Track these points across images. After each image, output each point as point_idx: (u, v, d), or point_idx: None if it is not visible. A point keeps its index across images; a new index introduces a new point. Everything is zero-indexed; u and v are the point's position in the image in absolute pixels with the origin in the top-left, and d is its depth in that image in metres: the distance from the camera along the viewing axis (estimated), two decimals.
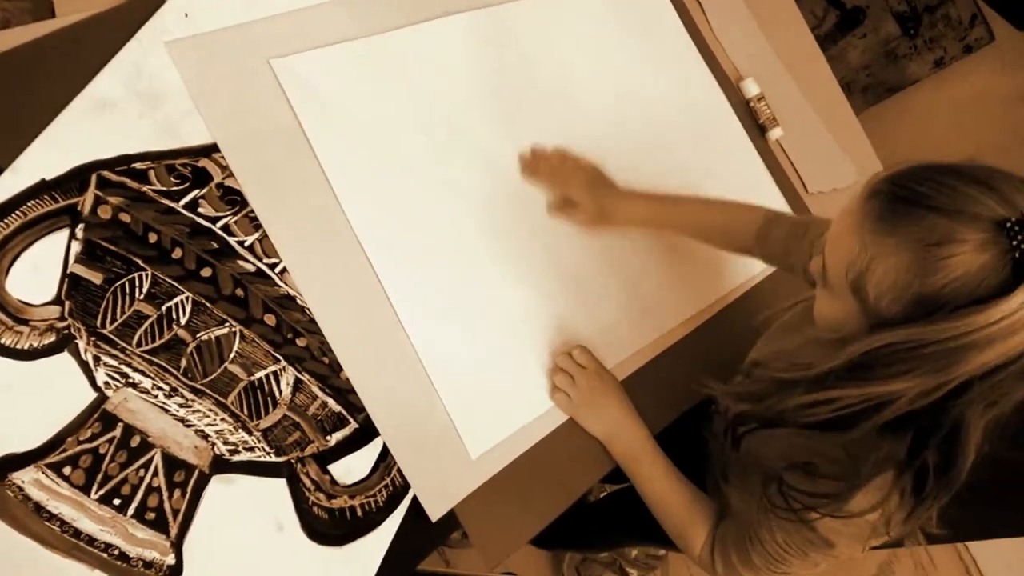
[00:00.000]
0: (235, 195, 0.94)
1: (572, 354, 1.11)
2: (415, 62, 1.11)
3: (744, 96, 1.46)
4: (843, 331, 0.76)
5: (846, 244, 0.71)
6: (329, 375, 0.94)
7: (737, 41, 1.51)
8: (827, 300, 0.78)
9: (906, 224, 0.66)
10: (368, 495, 0.93)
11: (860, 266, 0.69)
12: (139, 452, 0.83)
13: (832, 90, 1.68)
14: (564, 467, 1.09)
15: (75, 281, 0.84)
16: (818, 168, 1.51)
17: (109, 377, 0.83)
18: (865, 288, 0.70)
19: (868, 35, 2.43)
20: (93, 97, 0.89)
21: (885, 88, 2.48)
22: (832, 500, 0.80)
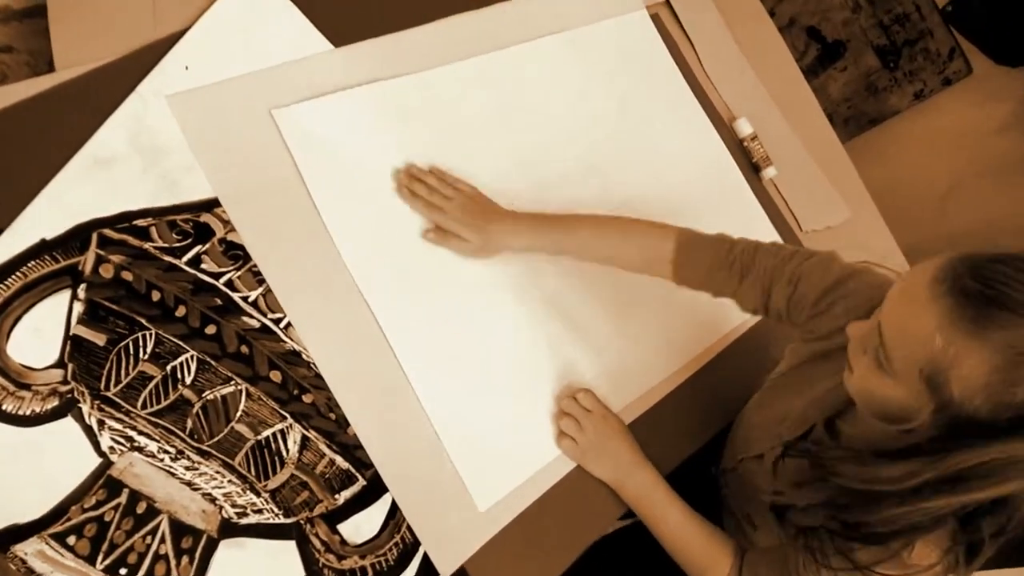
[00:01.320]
0: (238, 250, 0.93)
1: (577, 398, 1.10)
2: (415, 110, 1.11)
3: (738, 136, 1.47)
4: (899, 413, 0.74)
5: (922, 337, 0.69)
6: (336, 432, 0.93)
7: (729, 81, 1.52)
8: (882, 382, 0.75)
9: (998, 329, 0.65)
10: (379, 554, 0.91)
11: (942, 363, 0.68)
12: (146, 518, 0.80)
13: (820, 124, 1.70)
14: (574, 515, 1.08)
15: (78, 343, 0.82)
16: (812, 206, 1.53)
17: (114, 441, 0.81)
18: (947, 385, 0.68)
19: (849, 68, 2.48)
20: (93, 153, 0.88)
21: (867, 120, 2.52)
22: (893, 554, 0.79)
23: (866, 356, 0.78)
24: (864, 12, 2.39)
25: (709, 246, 1.05)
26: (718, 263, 1.03)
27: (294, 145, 0.99)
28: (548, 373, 1.11)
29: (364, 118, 1.06)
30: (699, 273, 1.04)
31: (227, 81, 0.98)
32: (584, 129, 1.29)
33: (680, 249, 1.04)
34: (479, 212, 1.06)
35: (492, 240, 1.06)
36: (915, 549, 0.79)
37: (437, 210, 1.04)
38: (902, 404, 0.73)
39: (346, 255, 0.99)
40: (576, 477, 1.09)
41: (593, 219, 1.09)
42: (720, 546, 1.03)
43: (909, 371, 0.71)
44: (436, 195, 1.05)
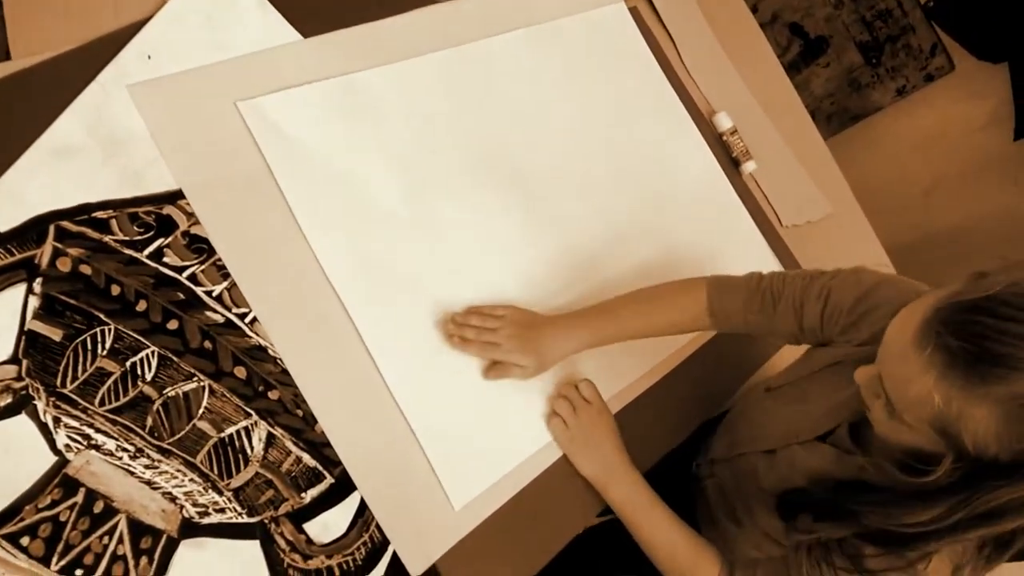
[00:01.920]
0: (202, 243, 0.91)
1: (579, 386, 1.10)
2: (385, 103, 1.09)
3: (717, 130, 1.46)
4: (922, 456, 0.74)
5: (921, 395, 0.69)
6: (303, 428, 0.91)
7: (709, 75, 1.51)
8: (897, 428, 0.76)
9: (994, 385, 0.65)
10: (346, 554, 0.89)
11: (948, 419, 0.68)
12: (103, 518, 0.78)
13: (802, 120, 1.69)
14: (549, 514, 1.06)
15: (33, 338, 0.79)
16: (792, 201, 1.51)
17: (70, 439, 0.78)
18: (959, 436, 0.68)
19: (831, 64, 2.48)
20: (51, 144, 0.85)
21: (849, 116, 2.52)
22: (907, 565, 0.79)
23: (879, 401, 0.78)
24: (847, 8, 2.40)
25: (738, 287, 1.07)
26: (750, 299, 1.05)
27: (261, 137, 0.97)
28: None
29: (333, 111, 1.04)
30: (735, 316, 1.06)
31: (191, 71, 0.96)
32: (559, 123, 1.27)
33: (712, 299, 1.07)
34: (526, 334, 1.05)
35: (545, 357, 1.05)
36: (931, 564, 0.79)
37: (492, 347, 1.03)
38: (924, 448, 0.74)
39: (317, 248, 0.97)
40: (553, 475, 1.08)
41: (623, 302, 1.10)
42: (706, 555, 1.02)
43: (920, 423, 0.72)
44: (485, 333, 1.03)
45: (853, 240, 1.63)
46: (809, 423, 0.99)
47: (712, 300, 1.07)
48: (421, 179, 1.09)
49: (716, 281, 1.08)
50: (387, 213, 1.05)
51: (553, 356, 1.06)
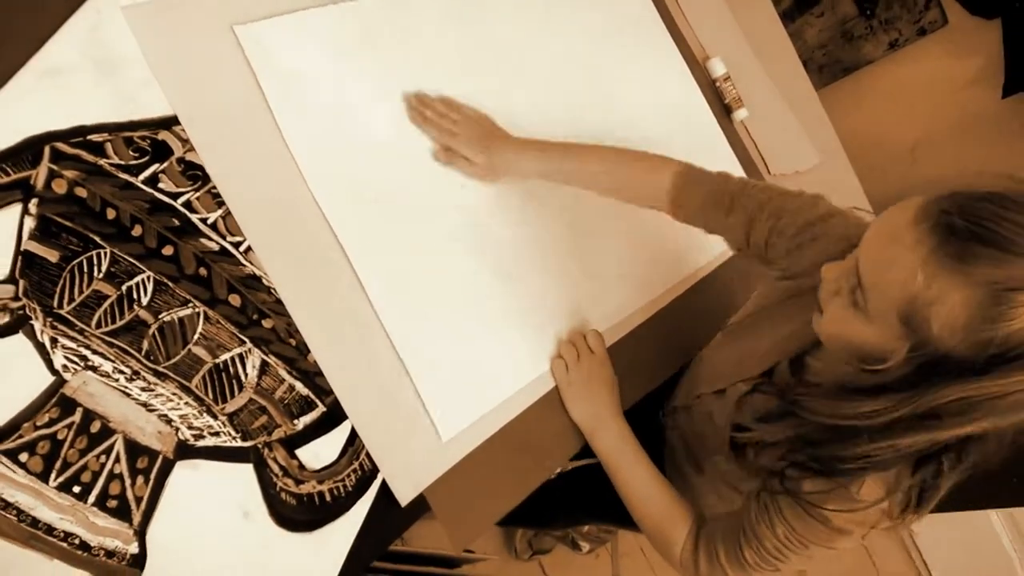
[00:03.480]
0: (197, 170, 0.90)
1: (587, 335, 1.13)
2: (384, 32, 1.08)
3: (710, 76, 1.46)
4: (873, 353, 0.74)
5: (903, 275, 0.69)
6: (296, 357, 0.92)
7: (705, 20, 1.50)
8: (857, 323, 0.76)
9: (982, 265, 0.65)
10: (337, 480, 0.92)
11: (923, 301, 0.68)
12: (100, 438, 0.79)
13: (795, 68, 1.69)
14: (532, 449, 1.09)
15: (29, 259, 0.79)
16: (782, 150, 1.52)
17: (67, 360, 0.79)
18: (927, 323, 0.68)
19: (826, 14, 2.46)
20: (45, 64, 0.84)
21: (841, 68, 2.52)
22: (840, 488, 0.81)
23: (839, 297, 0.78)
24: None
25: (705, 181, 1.05)
26: (711, 197, 1.03)
27: (256, 63, 0.97)
28: (515, 304, 1.11)
29: (330, 38, 1.04)
30: (693, 207, 1.05)
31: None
32: (553, 59, 1.27)
33: (677, 183, 1.05)
34: (487, 135, 1.08)
35: (498, 162, 1.08)
36: (864, 485, 0.81)
37: (447, 132, 1.06)
38: (877, 344, 0.74)
39: (309, 178, 0.97)
40: (535, 413, 1.10)
41: (597, 149, 1.10)
42: (680, 510, 1.04)
43: (887, 310, 0.71)
44: (446, 119, 1.07)
45: (840, 190, 1.64)
46: (753, 361, 1.02)
47: (677, 183, 1.05)
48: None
49: (687, 167, 1.06)
50: (379, 141, 1.05)
51: (504, 166, 1.09)
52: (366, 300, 0.98)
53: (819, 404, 0.79)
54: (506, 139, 1.11)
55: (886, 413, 0.72)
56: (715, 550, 0.97)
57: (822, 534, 0.86)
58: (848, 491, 0.81)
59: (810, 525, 0.85)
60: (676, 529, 1.03)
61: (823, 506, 0.83)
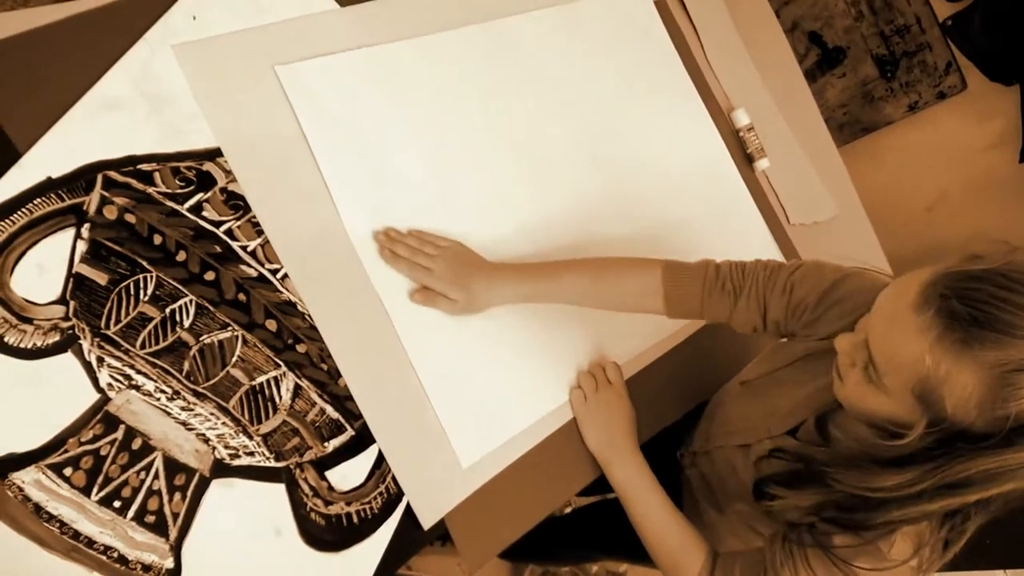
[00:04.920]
0: (239, 200, 0.95)
1: (605, 368, 1.15)
2: (419, 74, 1.13)
3: (734, 126, 1.50)
4: (893, 426, 0.76)
5: (911, 357, 0.71)
6: (328, 382, 0.95)
7: (730, 72, 1.55)
8: (873, 396, 0.78)
9: (986, 350, 0.67)
10: (364, 502, 0.94)
11: (933, 382, 0.70)
12: (140, 455, 0.82)
13: (816, 124, 1.73)
14: (548, 476, 1.11)
15: (80, 281, 0.83)
16: (801, 200, 1.56)
17: (112, 379, 0.82)
18: (940, 401, 0.70)
19: (847, 74, 2.51)
20: (101, 96, 0.89)
21: (860, 127, 2.55)
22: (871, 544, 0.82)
23: (855, 369, 0.80)
24: (866, 21, 2.43)
25: (696, 273, 1.05)
26: (709, 288, 1.04)
27: (297, 101, 1.01)
28: (535, 336, 1.14)
29: (365, 79, 1.08)
30: (692, 302, 1.05)
31: (232, 34, 1.00)
32: (578, 104, 1.31)
33: (668, 281, 1.05)
34: (463, 270, 1.04)
35: (477, 298, 1.05)
36: (895, 544, 0.82)
37: (422, 270, 1.03)
38: (895, 417, 0.76)
39: (343, 211, 1.01)
40: (552, 443, 1.12)
41: (575, 264, 1.09)
42: (694, 544, 1.04)
43: (901, 388, 0.73)
44: (420, 255, 1.03)
45: (856, 244, 1.67)
46: (778, 418, 1.02)
47: (667, 284, 1.05)
48: (450, 149, 1.13)
49: (670, 265, 1.06)
50: (409, 180, 1.09)
51: (486, 300, 1.06)
52: (393, 330, 1.01)
53: (847, 475, 0.80)
54: (482, 269, 1.07)
55: (914, 484, 0.73)
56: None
57: None
58: (878, 547, 0.82)
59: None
60: (691, 561, 1.03)
61: (853, 563, 0.83)
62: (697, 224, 1.39)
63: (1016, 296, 0.68)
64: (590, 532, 1.53)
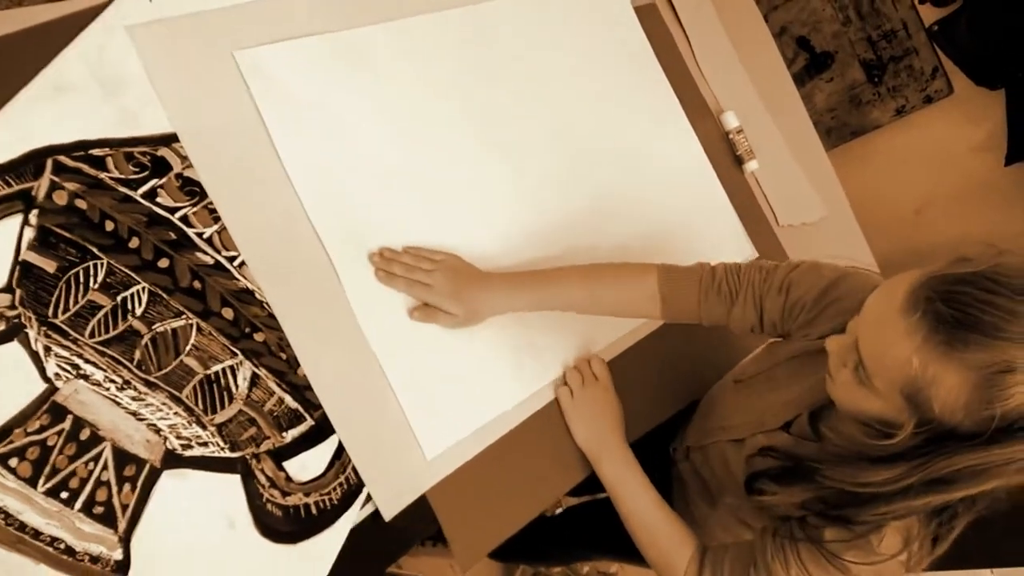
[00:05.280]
0: (195, 186, 0.93)
1: (591, 362, 1.14)
2: (381, 60, 1.11)
3: (724, 128, 1.51)
4: (882, 424, 0.78)
5: (899, 359, 0.73)
6: (287, 371, 0.94)
7: (720, 75, 1.55)
8: (863, 396, 0.79)
9: (972, 351, 0.69)
10: (323, 493, 0.93)
11: (920, 382, 0.72)
12: (89, 445, 0.81)
13: (806, 129, 1.73)
14: (539, 472, 1.11)
15: (27, 269, 0.82)
16: (790, 202, 1.56)
17: (60, 368, 0.81)
18: (928, 402, 0.72)
19: (835, 79, 2.52)
20: (52, 80, 0.87)
21: (848, 131, 2.57)
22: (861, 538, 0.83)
23: (846, 370, 0.81)
24: (854, 26, 2.44)
25: (691, 276, 1.06)
26: (705, 291, 1.05)
27: (255, 87, 0.99)
28: (504, 327, 1.12)
29: (328, 66, 1.06)
30: (689, 305, 1.06)
31: (190, 16, 0.98)
32: (550, 92, 1.29)
33: (664, 285, 1.06)
34: (461, 283, 1.04)
35: (477, 310, 1.05)
36: (885, 539, 0.83)
37: (421, 287, 1.02)
38: (884, 416, 0.78)
39: (304, 197, 0.99)
40: (545, 437, 1.12)
41: (571, 271, 1.09)
42: (683, 539, 1.04)
43: (890, 389, 0.75)
44: (417, 272, 1.03)
45: (845, 245, 1.67)
46: (772, 413, 1.03)
47: (664, 288, 1.06)
48: (410, 135, 1.11)
49: (666, 269, 1.08)
50: (374, 167, 1.07)
51: (485, 311, 1.07)
52: (354, 318, 1.00)
53: (837, 472, 0.82)
54: (479, 280, 1.06)
55: (901, 479, 0.75)
56: (722, 573, 0.97)
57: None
58: (869, 542, 0.84)
59: (827, 571, 0.87)
60: (681, 552, 1.03)
61: (843, 556, 0.84)
62: (668, 217, 1.37)
63: (1001, 299, 0.69)
64: (580, 532, 1.53)
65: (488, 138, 1.19)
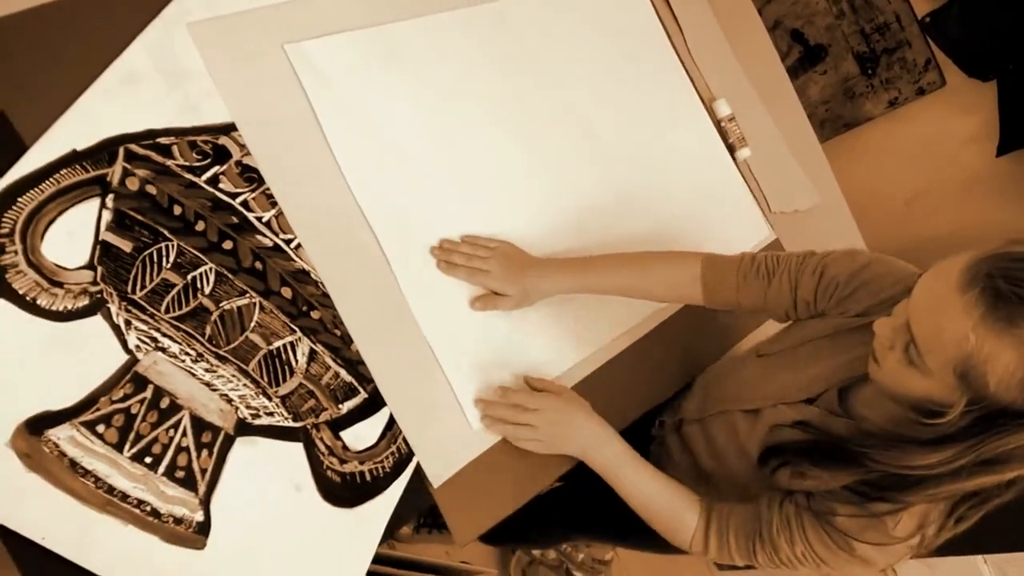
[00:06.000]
0: (253, 172, 0.98)
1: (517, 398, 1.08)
2: (424, 53, 1.17)
3: (716, 116, 1.53)
4: (931, 405, 0.79)
5: (956, 337, 0.74)
6: (341, 347, 0.99)
7: (712, 63, 1.58)
8: (912, 376, 0.81)
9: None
10: (376, 461, 0.99)
11: (976, 360, 0.73)
12: (169, 413, 0.86)
13: (799, 118, 1.76)
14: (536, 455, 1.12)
15: (106, 248, 0.87)
16: (782, 189, 1.60)
17: (140, 341, 0.86)
18: (983, 379, 0.73)
19: (829, 72, 2.57)
20: (121, 72, 0.92)
21: (842, 123, 2.61)
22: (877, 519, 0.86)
23: (894, 352, 0.83)
24: (847, 19, 2.48)
25: (731, 263, 1.12)
26: (743, 274, 1.10)
27: (306, 79, 1.05)
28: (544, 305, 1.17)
29: (369, 57, 1.12)
30: (728, 289, 1.10)
31: (244, 12, 1.03)
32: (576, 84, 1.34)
33: (707, 271, 1.11)
34: (514, 265, 1.11)
35: (530, 292, 1.11)
36: (901, 521, 0.86)
37: (481, 273, 1.09)
38: (935, 395, 0.78)
39: (352, 183, 1.05)
40: None
41: (619, 257, 1.16)
42: (688, 497, 1.05)
43: (943, 368, 0.76)
44: (474, 259, 1.10)
45: (837, 234, 1.71)
46: (798, 386, 1.05)
47: (706, 273, 1.10)
48: (454, 126, 1.18)
49: (709, 256, 1.12)
50: (412, 152, 1.13)
51: (537, 293, 1.13)
52: (403, 296, 1.06)
53: (884, 455, 0.84)
54: (533, 265, 1.13)
55: (952, 461, 0.77)
56: (727, 538, 1.00)
57: (843, 561, 0.91)
58: (884, 523, 0.87)
59: (833, 552, 0.91)
60: (685, 520, 1.04)
61: (859, 537, 0.88)
62: (687, 206, 1.42)
63: None
64: (565, 515, 1.53)
65: (514, 124, 1.25)
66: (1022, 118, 2.20)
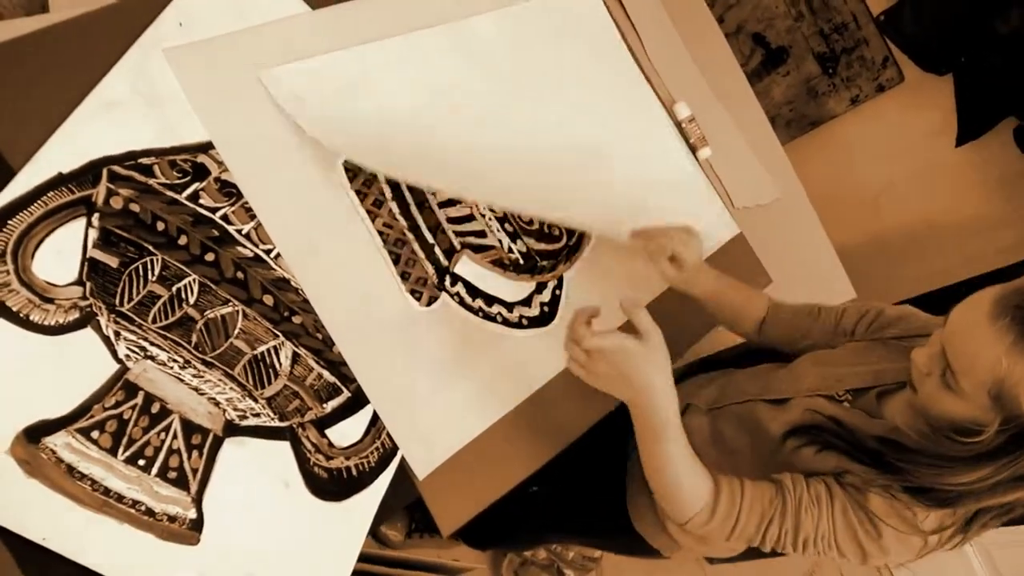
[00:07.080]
0: (231, 188, 1.03)
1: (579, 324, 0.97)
2: (393, 73, 1.22)
3: (676, 118, 1.59)
4: (968, 426, 0.86)
5: (989, 363, 0.81)
6: (323, 349, 1.04)
7: (670, 67, 1.63)
8: (949, 400, 0.88)
9: None
10: (362, 456, 1.03)
11: (1010, 382, 0.80)
12: (159, 417, 0.91)
13: (758, 117, 1.83)
14: (521, 440, 1.19)
15: (94, 264, 0.92)
16: (744, 185, 1.66)
17: (129, 350, 0.91)
18: (1016, 400, 0.81)
19: (791, 73, 2.65)
20: (102, 97, 0.97)
21: (807, 122, 2.69)
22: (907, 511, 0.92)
23: (931, 378, 0.90)
24: (806, 20, 2.56)
25: (789, 306, 1.27)
26: (797, 313, 1.25)
27: (280, 100, 1.10)
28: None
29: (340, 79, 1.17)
30: (780, 326, 1.26)
31: (218, 38, 1.08)
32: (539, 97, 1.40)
33: (769, 312, 1.28)
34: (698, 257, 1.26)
35: (694, 278, 1.26)
36: (930, 516, 0.92)
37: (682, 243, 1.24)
38: (971, 417, 0.86)
39: (328, 197, 1.10)
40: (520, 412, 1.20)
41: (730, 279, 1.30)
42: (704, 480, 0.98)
43: (978, 391, 0.83)
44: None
45: (800, 225, 1.78)
46: (832, 381, 1.09)
47: (769, 312, 1.27)
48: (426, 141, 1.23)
49: (773, 299, 1.29)
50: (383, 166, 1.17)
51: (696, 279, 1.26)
52: (380, 299, 1.11)
53: (925, 472, 0.90)
54: None
55: (988, 479, 0.85)
56: (738, 510, 0.96)
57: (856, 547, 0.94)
58: (915, 513, 0.92)
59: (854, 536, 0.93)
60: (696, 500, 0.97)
61: (887, 520, 0.92)
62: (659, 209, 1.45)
63: None
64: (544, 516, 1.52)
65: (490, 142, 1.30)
66: (977, 109, 2.27)
